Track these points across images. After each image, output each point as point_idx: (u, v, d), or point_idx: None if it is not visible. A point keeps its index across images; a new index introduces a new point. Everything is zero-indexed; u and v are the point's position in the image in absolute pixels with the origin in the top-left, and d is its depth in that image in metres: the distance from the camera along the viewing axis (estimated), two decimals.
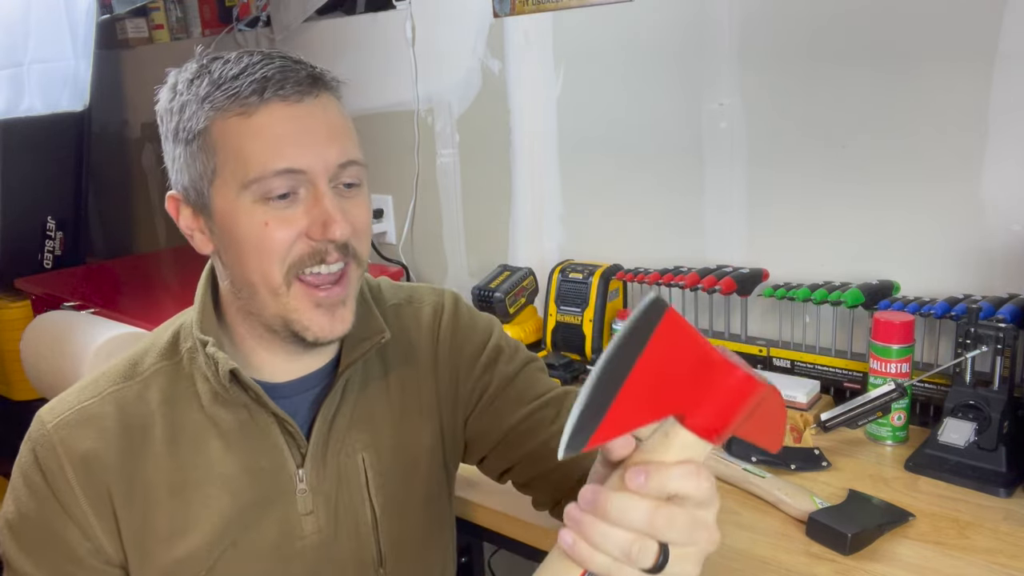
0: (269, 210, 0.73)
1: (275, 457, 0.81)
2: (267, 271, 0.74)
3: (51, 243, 2.67)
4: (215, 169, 0.74)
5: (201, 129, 0.73)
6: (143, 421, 0.78)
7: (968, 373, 1.09)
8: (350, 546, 0.84)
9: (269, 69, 0.72)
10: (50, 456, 0.75)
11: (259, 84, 0.72)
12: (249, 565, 0.80)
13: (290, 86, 0.72)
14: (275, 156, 0.72)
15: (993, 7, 1.16)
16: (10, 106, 2.62)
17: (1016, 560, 0.90)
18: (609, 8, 1.55)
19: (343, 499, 0.83)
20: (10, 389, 2.35)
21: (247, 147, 0.72)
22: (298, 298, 0.75)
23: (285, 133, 0.72)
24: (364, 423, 0.85)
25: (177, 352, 0.82)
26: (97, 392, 0.79)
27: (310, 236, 0.73)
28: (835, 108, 1.33)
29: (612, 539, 0.51)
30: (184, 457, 0.78)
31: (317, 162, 0.73)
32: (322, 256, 0.74)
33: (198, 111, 0.73)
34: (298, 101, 0.73)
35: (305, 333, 0.76)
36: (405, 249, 2.04)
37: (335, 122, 0.75)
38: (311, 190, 0.73)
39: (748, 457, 1.11)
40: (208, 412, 0.79)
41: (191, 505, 0.78)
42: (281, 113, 0.72)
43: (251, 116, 0.72)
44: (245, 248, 0.74)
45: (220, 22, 2.43)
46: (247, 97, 0.72)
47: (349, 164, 0.75)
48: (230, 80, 0.72)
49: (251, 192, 0.72)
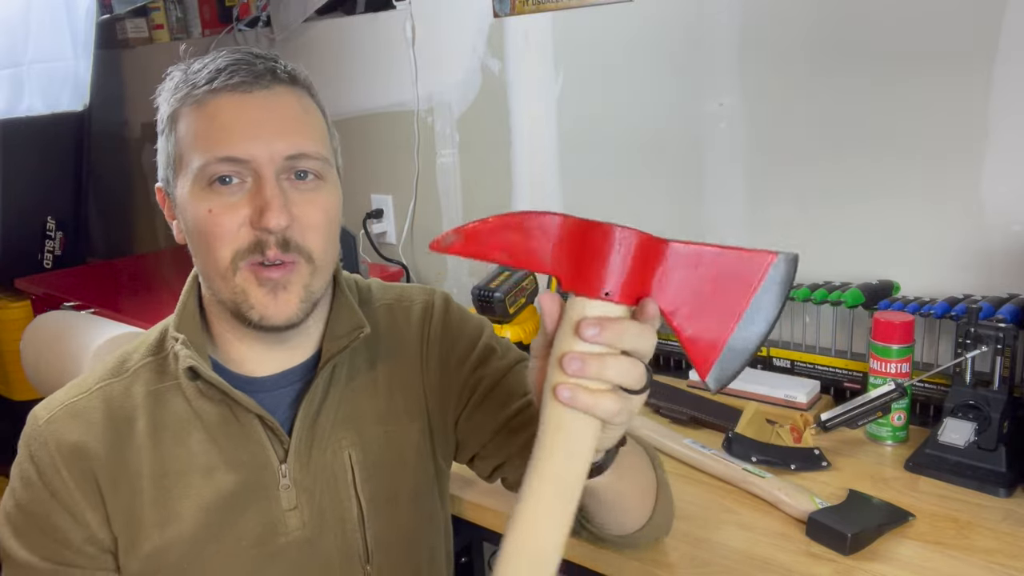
0: (214, 197, 0.74)
1: (257, 452, 0.81)
2: (216, 256, 0.75)
3: (51, 243, 2.67)
4: (177, 158, 0.77)
5: (167, 118, 0.78)
6: (128, 414, 0.80)
7: (968, 373, 1.09)
8: (335, 542, 0.84)
9: (225, 61, 0.75)
10: (42, 450, 0.78)
11: (212, 74, 0.74)
12: (233, 560, 0.80)
13: (239, 76, 0.74)
14: (219, 144, 0.73)
15: (993, 7, 1.16)
16: (10, 106, 2.63)
17: (1016, 560, 0.90)
18: (609, 8, 1.55)
19: (328, 495, 0.84)
20: (10, 389, 2.36)
21: (197, 134, 0.75)
22: (244, 279, 0.75)
23: (231, 121, 0.74)
24: (350, 420, 0.85)
25: (163, 348, 0.84)
26: (85, 388, 0.82)
27: (252, 224, 0.74)
28: (835, 108, 1.33)
29: (606, 367, 0.55)
30: (167, 448, 0.80)
31: (262, 152, 0.74)
32: (262, 248, 0.74)
33: (168, 101, 0.78)
34: (247, 91, 0.75)
35: (250, 313, 0.76)
36: (405, 249, 2.04)
37: (288, 114, 0.76)
38: (256, 179, 0.74)
39: (748, 457, 1.11)
40: (193, 406, 0.81)
41: (173, 495, 0.79)
42: (229, 102, 0.74)
43: (203, 105, 0.75)
44: (195, 234, 0.76)
45: (220, 22, 2.42)
46: (201, 87, 0.75)
47: (301, 156, 0.76)
48: (194, 73, 0.76)
49: (199, 179, 0.75)
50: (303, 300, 0.77)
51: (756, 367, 1.40)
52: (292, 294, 0.76)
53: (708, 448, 1.14)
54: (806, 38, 1.34)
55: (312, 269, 0.77)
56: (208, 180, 0.74)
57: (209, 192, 0.74)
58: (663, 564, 0.92)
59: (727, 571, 0.92)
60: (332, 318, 0.85)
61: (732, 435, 1.15)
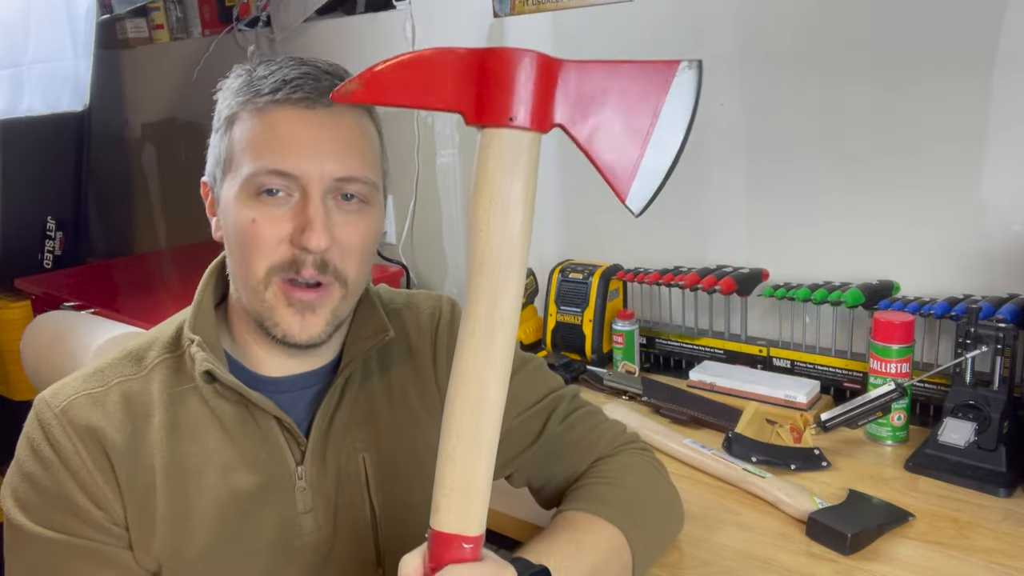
0: (259, 207, 0.74)
1: (274, 452, 0.81)
2: (251, 267, 0.75)
3: (51, 243, 2.67)
4: (228, 159, 0.77)
5: (225, 118, 0.77)
6: (145, 409, 0.79)
7: (968, 373, 1.09)
8: (349, 546, 0.84)
9: (293, 73, 0.74)
10: (57, 429, 0.76)
11: (278, 84, 0.74)
12: (248, 562, 0.80)
13: (304, 92, 0.73)
14: (272, 155, 0.73)
15: (994, 8, 1.16)
16: (10, 106, 2.62)
17: (1016, 560, 0.90)
18: (609, 8, 1.55)
19: (343, 498, 0.83)
20: (10, 389, 2.35)
21: (253, 141, 0.74)
22: (274, 296, 0.75)
23: (289, 135, 0.73)
24: (364, 423, 0.85)
25: (180, 346, 0.83)
26: (104, 382, 0.80)
27: (292, 241, 0.74)
28: (835, 108, 1.33)
29: None
30: (183, 445, 0.79)
31: (313, 169, 0.73)
32: (298, 267, 0.74)
33: (228, 102, 0.77)
34: (309, 107, 0.74)
35: (274, 330, 0.76)
36: (405, 249, 2.04)
37: (345, 136, 0.76)
38: (303, 196, 0.74)
39: (748, 457, 1.11)
40: (210, 404, 0.80)
41: (188, 493, 0.78)
42: (290, 116, 0.74)
43: (264, 113, 0.74)
44: (235, 241, 0.76)
45: (220, 22, 2.43)
46: (265, 94, 0.74)
47: (350, 180, 0.75)
48: (259, 79, 0.75)
49: (247, 186, 0.74)
50: (329, 323, 0.77)
51: (756, 367, 1.40)
52: (320, 317, 0.76)
53: (708, 448, 1.14)
54: (806, 38, 1.34)
55: (344, 294, 0.77)
56: (256, 189, 0.74)
57: (255, 201, 0.74)
58: (663, 564, 0.92)
59: (727, 571, 0.92)
60: (356, 323, 0.85)
61: (732, 435, 1.15)
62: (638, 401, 1.36)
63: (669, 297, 1.51)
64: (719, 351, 1.45)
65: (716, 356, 1.45)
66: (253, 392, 0.79)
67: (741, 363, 1.42)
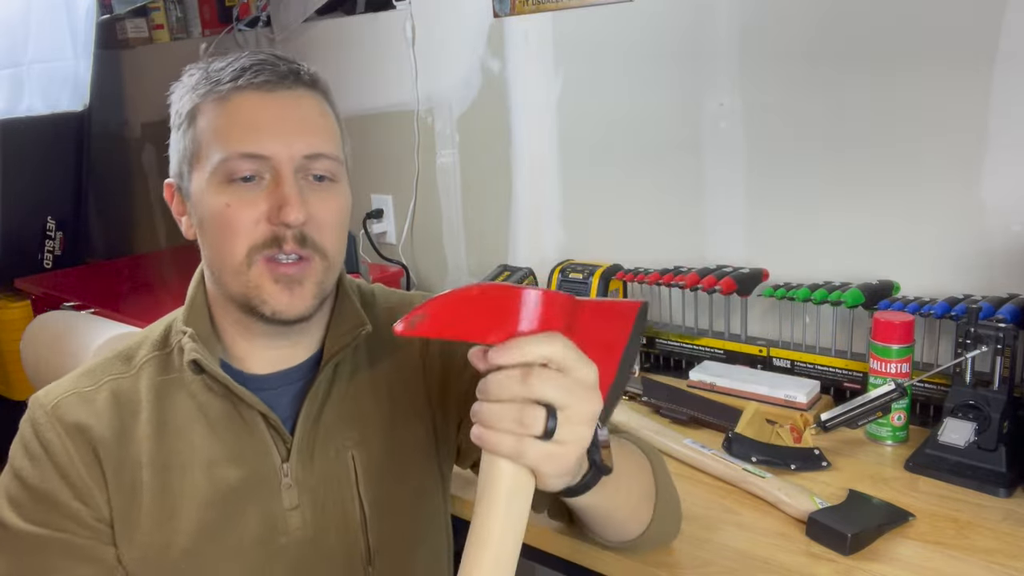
0: (232, 191, 0.76)
1: (259, 449, 0.82)
2: (231, 249, 0.76)
3: (51, 243, 2.67)
4: (194, 152, 0.78)
5: (186, 113, 0.79)
6: (133, 407, 0.81)
7: (968, 373, 1.09)
8: (337, 543, 0.84)
9: (249, 61, 0.78)
10: (47, 428, 0.78)
11: (237, 72, 0.77)
12: (233, 559, 0.80)
13: (264, 76, 0.76)
14: (242, 139, 0.75)
15: (994, 8, 1.16)
16: (10, 106, 2.63)
17: (1016, 560, 0.90)
18: (609, 8, 1.55)
19: (331, 496, 0.84)
20: (10, 389, 2.36)
21: (219, 129, 0.76)
22: (258, 274, 0.76)
23: (254, 119, 0.76)
24: (353, 420, 0.85)
25: (168, 344, 0.85)
26: (95, 381, 0.82)
27: (269, 220, 0.75)
28: (835, 108, 1.33)
29: (502, 414, 0.56)
30: (170, 441, 0.80)
31: (282, 150, 0.75)
32: (279, 242, 0.76)
33: (187, 97, 0.79)
34: (270, 91, 0.77)
35: (263, 307, 0.77)
36: (405, 249, 2.04)
37: (308, 116, 0.79)
38: (275, 176, 0.76)
39: (748, 457, 1.11)
40: (198, 400, 0.81)
41: (173, 489, 0.79)
42: (253, 99, 0.76)
43: (227, 100, 0.77)
44: (210, 228, 0.77)
45: (220, 22, 2.43)
46: (226, 83, 0.77)
47: (318, 157, 0.78)
48: (216, 71, 0.78)
49: (218, 174, 0.76)
50: (315, 296, 0.79)
51: (756, 367, 1.40)
52: (306, 289, 0.78)
53: (708, 448, 1.14)
54: (806, 38, 1.34)
55: (326, 266, 0.79)
56: (227, 175, 0.75)
57: (228, 187, 0.76)
58: (664, 564, 0.92)
59: (727, 571, 0.92)
60: (335, 317, 0.86)
61: (732, 435, 1.15)
62: (638, 401, 1.36)
63: (669, 297, 1.51)
64: (719, 351, 1.45)
65: (716, 356, 1.45)
66: (238, 386, 0.80)
67: (741, 363, 1.42)
